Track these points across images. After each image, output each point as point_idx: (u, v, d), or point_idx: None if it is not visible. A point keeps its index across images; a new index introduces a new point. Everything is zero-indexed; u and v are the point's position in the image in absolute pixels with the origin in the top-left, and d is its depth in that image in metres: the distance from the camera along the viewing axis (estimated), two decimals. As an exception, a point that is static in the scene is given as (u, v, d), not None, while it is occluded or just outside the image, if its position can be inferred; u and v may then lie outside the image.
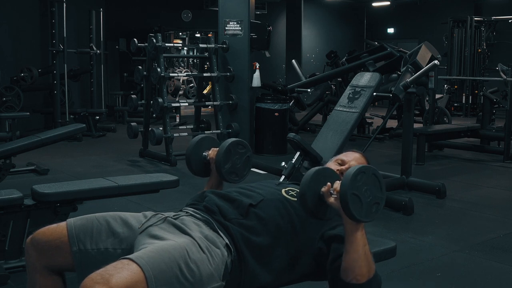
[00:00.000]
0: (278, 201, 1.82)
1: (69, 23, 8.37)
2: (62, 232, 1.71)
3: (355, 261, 1.62)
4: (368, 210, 1.61)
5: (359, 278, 1.62)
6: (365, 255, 1.63)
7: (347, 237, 1.64)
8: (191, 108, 9.34)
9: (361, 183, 1.60)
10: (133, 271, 1.44)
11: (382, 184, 1.66)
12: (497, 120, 8.27)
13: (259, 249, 1.71)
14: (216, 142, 2.24)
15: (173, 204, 4.13)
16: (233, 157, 2.10)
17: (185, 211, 1.82)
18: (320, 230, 1.80)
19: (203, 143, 2.19)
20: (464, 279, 3.08)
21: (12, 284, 2.73)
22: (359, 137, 8.27)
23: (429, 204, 4.63)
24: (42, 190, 2.70)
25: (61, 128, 5.00)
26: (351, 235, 1.63)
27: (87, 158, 6.64)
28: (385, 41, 7.96)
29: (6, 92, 7.75)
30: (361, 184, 1.60)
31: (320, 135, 4.68)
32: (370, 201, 1.61)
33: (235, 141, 2.13)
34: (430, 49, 4.90)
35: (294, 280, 1.83)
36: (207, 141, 2.20)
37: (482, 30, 11.80)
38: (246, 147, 2.15)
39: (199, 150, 2.18)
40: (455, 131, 7.01)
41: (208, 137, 2.24)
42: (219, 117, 6.79)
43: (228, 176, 2.11)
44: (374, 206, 1.63)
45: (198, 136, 2.23)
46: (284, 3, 13.51)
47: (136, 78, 6.90)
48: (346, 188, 1.57)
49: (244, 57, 6.97)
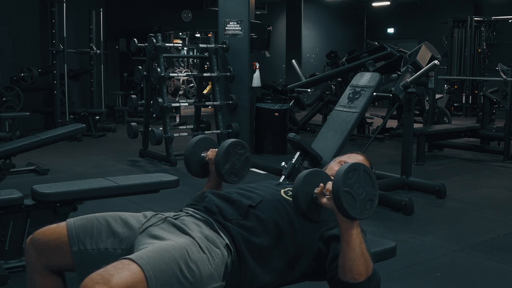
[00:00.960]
0: (277, 202, 1.83)
1: (69, 23, 8.37)
2: (62, 232, 1.71)
3: (352, 260, 1.62)
4: (362, 207, 1.61)
5: (357, 277, 1.62)
6: (362, 254, 1.63)
7: (343, 237, 1.64)
8: (191, 108, 9.35)
9: (353, 180, 1.60)
10: (133, 271, 1.44)
11: (374, 181, 1.66)
12: (497, 120, 8.27)
13: (259, 250, 1.71)
14: (214, 142, 2.24)
15: (173, 204, 4.13)
16: (232, 158, 2.10)
17: (185, 211, 1.82)
18: (319, 230, 1.80)
19: (201, 144, 2.20)
20: (464, 279, 3.08)
21: (12, 284, 2.73)
22: (359, 137, 8.27)
23: (429, 204, 4.63)
24: (42, 190, 2.70)
25: (61, 128, 5.00)
26: (346, 234, 1.63)
27: (87, 158, 6.64)
28: (385, 41, 7.96)
29: (6, 92, 7.76)
30: (353, 181, 1.60)
31: (320, 135, 4.68)
32: (363, 198, 1.61)
33: (234, 141, 2.13)
34: (430, 49, 4.90)
35: (294, 280, 1.83)
36: (205, 142, 2.21)
37: (482, 30, 11.80)
38: (245, 148, 2.15)
39: (197, 151, 2.18)
40: (455, 131, 7.01)
41: (206, 137, 2.24)
42: (219, 117, 6.79)
43: (228, 177, 2.11)
44: (368, 203, 1.62)
45: (196, 137, 2.24)
46: (284, 3, 13.51)
47: (136, 78, 6.90)
48: (338, 186, 1.57)
49: (244, 57, 6.97)
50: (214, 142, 2.25)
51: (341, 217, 1.62)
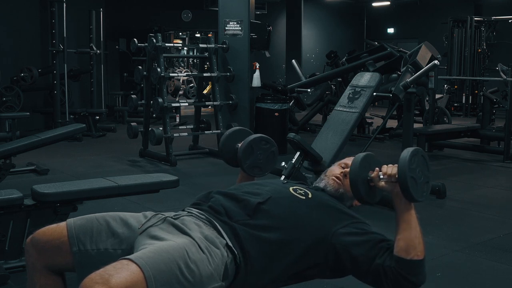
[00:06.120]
0: (286, 199, 1.84)
1: (69, 23, 8.37)
2: (62, 232, 1.72)
3: (416, 237, 1.70)
4: (421, 189, 1.73)
5: (419, 254, 1.70)
6: (421, 232, 1.72)
7: (403, 218, 1.73)
8: (191, 108, 9.35)
9: (415, 165, 1.71)
10: (132, 271, 1.44)
11: (429, 164, 1.78)
12: (497, 120, 8.28)
13: (269, 245, 1.71)
14: (250, 134, 2.32)
15: (173, 204, 4.13)
16: (255, 153, 2.19)
17: (186, 211, 1.82)
18: (331, 228, 1.79)
19: (236, 135, 2.30)
20: (464, 279, 3.08)
21: (12, 284, 2.73)
22: (359, 137, 8.27)
23: (429, 204, 4.63)
24: (42, 190, 2.70)
25: (61, 128, 5.00)
26: (407, 215, 1.72)
27: (87, 158, 6.64)
28: (385, 41, 7.95)
29: (6, 92, 7.76)
30: (415, 166, 1.71)
31: (320, 135, 4.68)
32: (422, 181, 1.73)
33: (257, 137, 2.23)
34: (430, 49, 4.90)
35: (301, 274, 1.81)
36: (241, 133, 2.31)
37: (482, 30, 11.80)
38: (269, 143, 2.25)
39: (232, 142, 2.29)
40: (455, 131, 7.00)
41: (242, 129, 2.35)
42: (219, 117, 6.79)
43: (250, 170, 2.20)
44: (425, 185, 1.75)
45: (233, 128, 2.35)
46: (284, 3, 13.50)
47: (136, 78, 6.90)
48: (405, 172, 1.67)
49: (244, 57, 6.97)
50: (250, 133, 2.33)
51: (400, 199, 1.73)
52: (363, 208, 2.23)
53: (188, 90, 12.12)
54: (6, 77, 8.02)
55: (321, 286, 2.73)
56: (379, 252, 1.73)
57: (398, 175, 1.70)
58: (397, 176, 1.71)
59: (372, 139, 5.18)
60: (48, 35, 8.54)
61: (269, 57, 8.03)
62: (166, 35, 12.24)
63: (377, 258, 1.72)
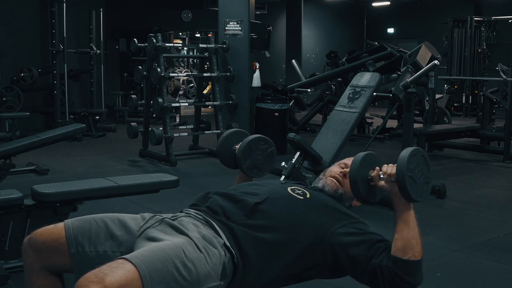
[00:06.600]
0: (284, 199, 1.84)
1: (69, 23, 8.36)
2: (60, 234, 1.71)
3: (413, 238, 1.70)
4: (421, 190, 1.73)
5: (417, 254, 1.69)
6: (419, 233, 1.72)
7: (402, 218, 1.73)
8: (191, 108, 9.34)
9: (414, 165, 1.71)
10: (127, 270, 1.44)
11: (429, 165, 1.78)
12: (497, 120, 8.27)
13: (267, 246, 1.71)
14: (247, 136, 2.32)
15: (173, 204, 4.13)
16: (254, 153, 2.20)
17: (184, 212, 1.82)
18: (330, 228, 1.78)
19: (233, 137, 2.31)
20: (464, 279, 3.08)
21: (12, 284, 2.73)
22: (359, 137, 8.27)
23: (429, 204, 4.63)
24: (42, 190, 2.70)
25: (61, 128, 5.00)
26: (406, 215, 1.73)
27: (87, 158, 6.64)
28: (385, 41, 7.95)
29: (6, 92, 7.76)
30: (414, 166, 1.71)
31: (320, 135, 4.68)
32: (421, 181, 1.73)
33: (256, 137, 2.23)
34: (430, 49, 4.90)
35: (299, 275, 1.81)
36: (238, 135, 2.32)
37: (482, 30, 11.80)
38: (268, 143, 2.25)
39: (229, 144, 2.30)
40: (455, 131, 7.00)
41: (239, 131, 2.35)
42: (219, 117, 6.79)
43: (249, 171, 2.21)
44: (425, 185, 1.74)
45: (230, 130, 2.35)
46: (284, 3, 13.50)
47: (136, 78, 6.90)
48: (404, 171, 1.68)
49: (244, 57, 6.97)
50: (247, 135, 2.33)
51: (399, 199, 1.73)
52: (363, 208, 2.23)
53: (188, 90, 12.12)
54: (6, 77, 8.02)
55: (321, 286, 2.73)
56: (377, 252, 1.72)
57: (396, 174, 1.71)
58: (392, 174, 1.72)
59: (372, 139, 5.18)
60: (48, 35, 8.54)
61: (269, 57, 8.03)
62: (166, 35, 12.24)
63: (374, 258, 1.72)
